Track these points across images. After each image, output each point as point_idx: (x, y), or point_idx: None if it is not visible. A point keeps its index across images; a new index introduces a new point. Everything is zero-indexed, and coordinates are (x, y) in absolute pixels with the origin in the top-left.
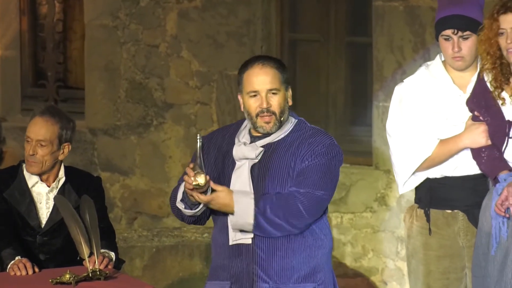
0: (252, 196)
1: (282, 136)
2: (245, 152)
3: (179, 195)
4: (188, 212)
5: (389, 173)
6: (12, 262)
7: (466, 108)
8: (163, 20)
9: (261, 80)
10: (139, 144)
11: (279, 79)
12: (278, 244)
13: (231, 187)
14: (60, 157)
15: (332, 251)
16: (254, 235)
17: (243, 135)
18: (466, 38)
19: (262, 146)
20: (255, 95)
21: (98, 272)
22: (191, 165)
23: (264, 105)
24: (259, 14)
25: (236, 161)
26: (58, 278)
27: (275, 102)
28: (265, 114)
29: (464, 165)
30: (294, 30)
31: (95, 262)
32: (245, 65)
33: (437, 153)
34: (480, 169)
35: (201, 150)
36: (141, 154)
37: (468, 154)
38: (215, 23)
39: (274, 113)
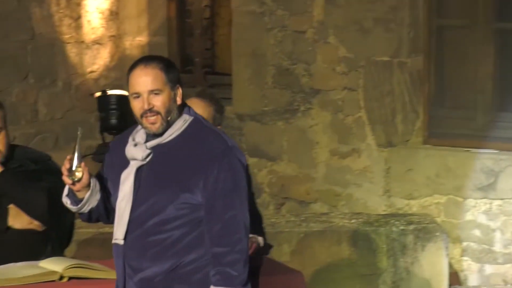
0: None
1: (174, 136)
2: (134, 153)
3: (65, 190)
4: (73, 208)
5: None
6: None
7: None
8: (310, 6)
9: (142, 82)
10: (286, 130)
11: (162, 79)
12: (149, 244)
13: (120, 187)
14: None
15: None
16: (126, 236)
17: (140, 135)
18: None
19: (153, 147)
20: (138, 97)
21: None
22: (69, 157)
23: (146, 106)
24: (407, 0)
25: (130, 162)
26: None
27: (158, 102)
28: (149, 114)
29: None
30: (441, 15)
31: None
32: (131, 66)
33: None
34: None
35: (79, 143)
36: (288, 140)
37: None
38: (362, 8)
39: (159, 113)
